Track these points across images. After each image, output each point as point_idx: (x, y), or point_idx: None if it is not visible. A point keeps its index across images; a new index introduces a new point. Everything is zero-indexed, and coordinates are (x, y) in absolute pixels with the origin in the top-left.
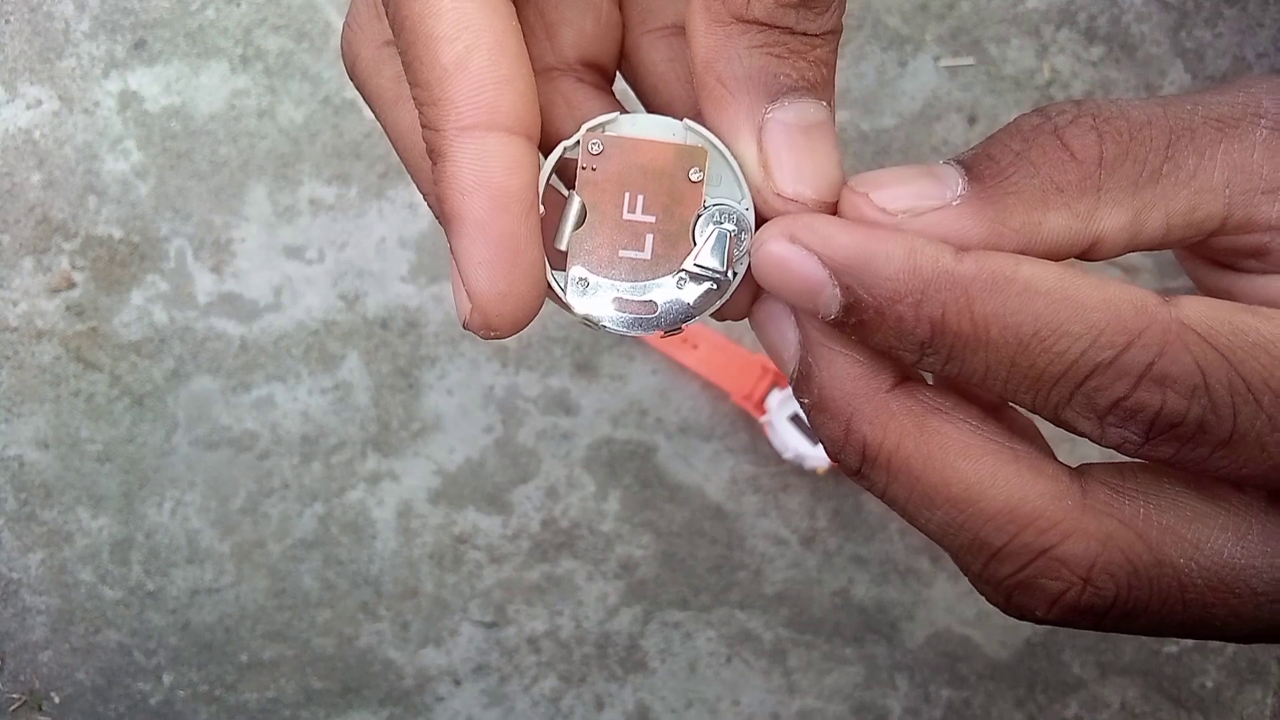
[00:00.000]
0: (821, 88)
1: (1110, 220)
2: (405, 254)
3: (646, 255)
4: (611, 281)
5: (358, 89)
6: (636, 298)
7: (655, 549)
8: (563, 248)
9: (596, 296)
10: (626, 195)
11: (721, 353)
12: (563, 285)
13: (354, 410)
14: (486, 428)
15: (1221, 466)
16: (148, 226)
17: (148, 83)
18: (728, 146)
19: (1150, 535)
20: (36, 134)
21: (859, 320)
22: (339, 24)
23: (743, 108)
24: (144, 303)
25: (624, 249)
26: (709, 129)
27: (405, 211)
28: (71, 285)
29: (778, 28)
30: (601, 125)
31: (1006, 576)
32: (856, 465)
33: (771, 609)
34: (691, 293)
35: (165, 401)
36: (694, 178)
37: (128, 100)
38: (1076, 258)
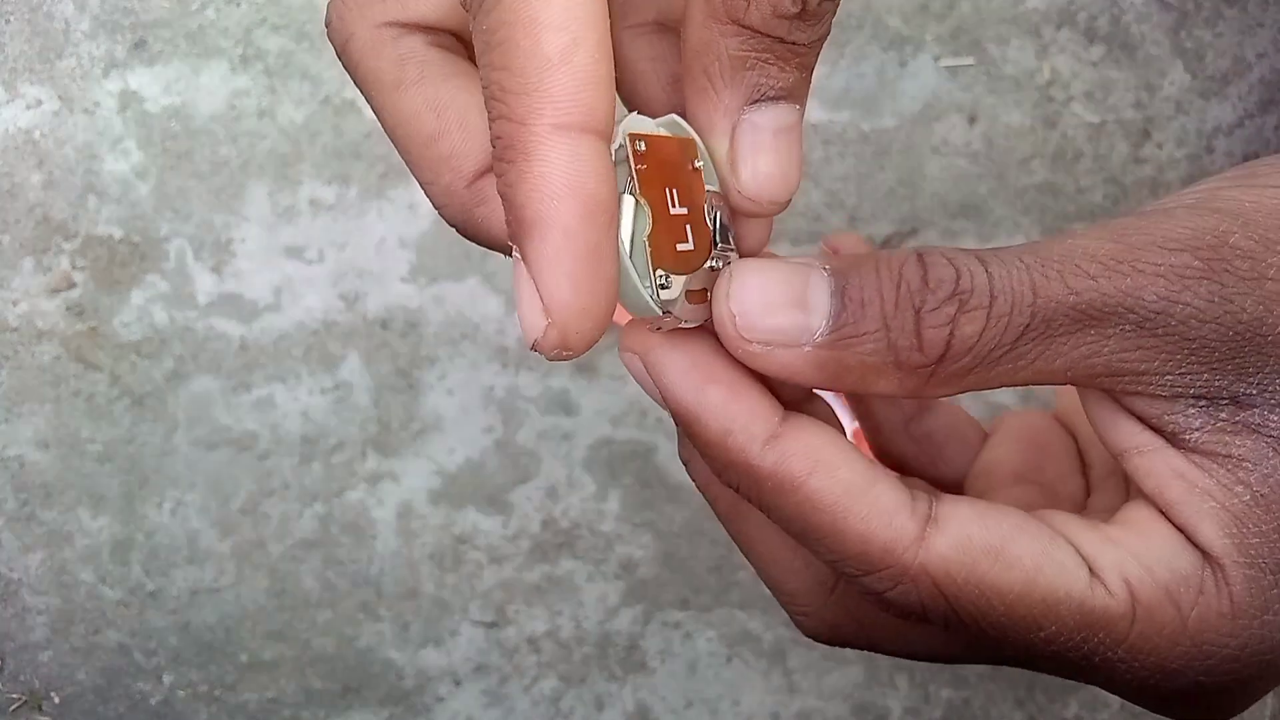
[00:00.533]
0: (798, 93)
1: (936, 391)
2: (405, 254)
3: (691, 246)
4: (679, 277)
5: (349, 70)
6: (695, 288)
7: (655, 549)
8: (630, 250)
9: (673, 294)
10: (667, 190)
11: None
12: (651, 287)
13: (354, 410)
14: (486, 428)
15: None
16: (148, 226)
17: (148, 83)
18: (703, 139)
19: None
20: (36, 134)
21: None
22: None
23: (722, 104)
24: (144, 303)
25: (678, 243)
26: (689, 118)
27: (405, 212)
28: (71, 285)
29: (770, 36)
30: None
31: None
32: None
33: (772, 609)
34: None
35: (165, 402)
36: (696, 166)
37: (128, 100)
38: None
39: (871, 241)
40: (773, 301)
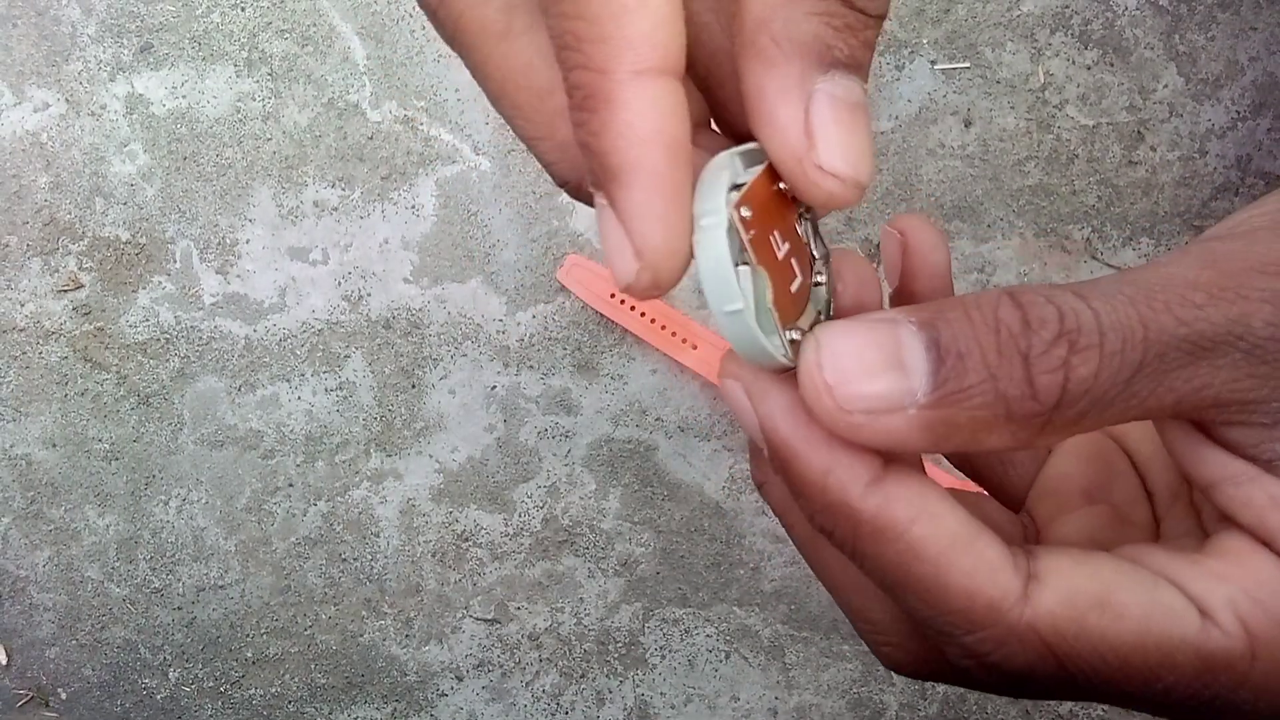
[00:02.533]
0: (865, 70)
1: (1049, 439)
2: (408, 255)
3: (799, 279)
4: (804, 318)
5: (447, 26)
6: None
7: (655, 546)
8: (756, 315)
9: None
10: (772, 238)
11: (721, 353)
12: (785, 349)
13: (358, 410)
14: (488, 427)
15: None
16: (154, 228)
17: (154, 86)
18: (764, 117)
19: None
20: (44, 137)
21: (778, 472)
22: (343, 28)
23: (794, 71)
24: (150, 303)
25: (791, 285)
26: (749, 90)
27: (408, 213)
28: (79, 286)
29: (841, 1)
30: (737, 188)
31: None
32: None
33: (770, 605)
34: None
35: (171, 401)
36: (782, 187)
37: (134, 103)
38: None
39: (869, 243)
40: (869, 366)
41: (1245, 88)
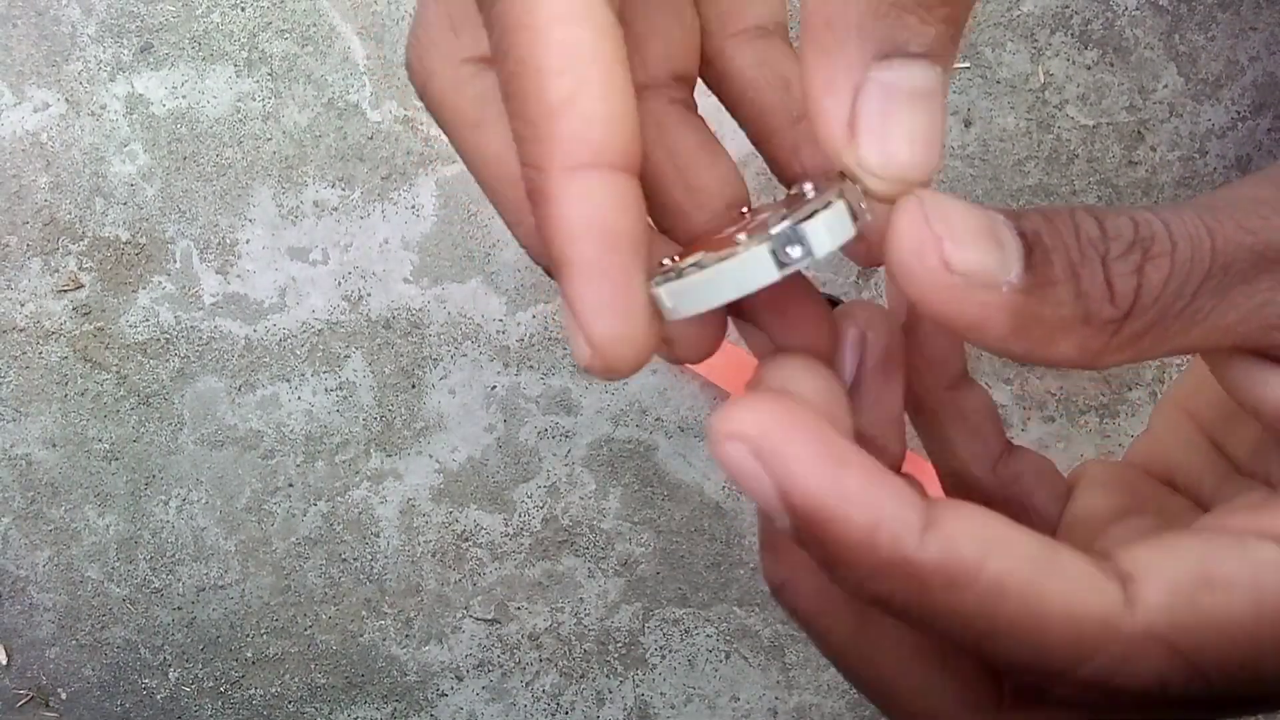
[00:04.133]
0: (942, 52)
1: (1113, 357)
2: (408, 255)
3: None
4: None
5: (429, 109)
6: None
7: (655, 546)
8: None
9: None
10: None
11: (720, 353)
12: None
13: (358, 410)
14: (488, 427)
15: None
16: (154, 228)
17: (154, 86)
18: (816, 108)
19: None
20: (44, 137)
21: (807, 548)
22: (343, 28)
23: (845, 59)
24: (150, 303)
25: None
26: (805, 84)
27: (408, 213)
28: (79, 286)
29: None
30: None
31: None
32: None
33: (770, 605)
34: None
35: (171, 401)
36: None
37: (134, 103)
38: None
39: None
40: (974, 231)
41: (1245, 88)
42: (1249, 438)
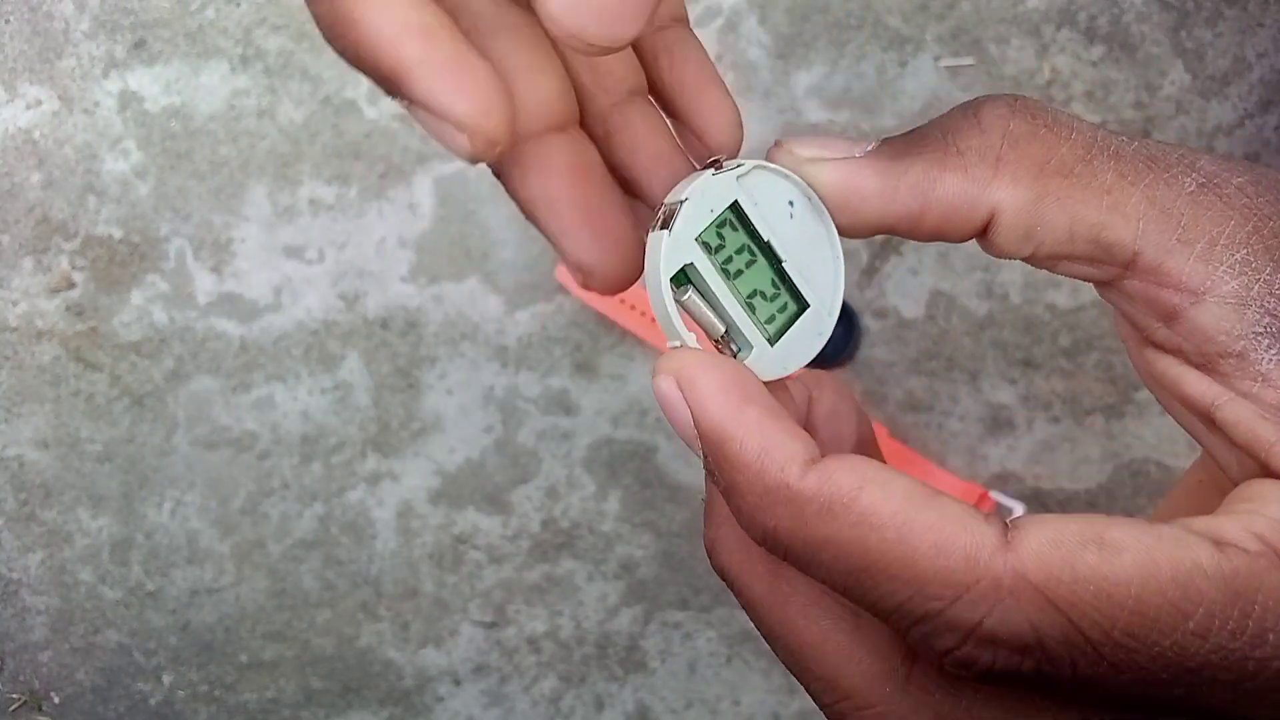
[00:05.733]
0: None
1: (1008, 194)
2: (405, 254)
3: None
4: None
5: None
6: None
7: (655, 549)
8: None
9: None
10: None
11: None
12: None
13: (354, 410)
14: (486, 428)
15: (1068, 695)
16: (148, 226)
17: (148, 83)
18: None
19: None
20: (36, 134)
21: (712, 476)
22: None
23: None
24: (144, 303)
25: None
26: None
27: (405, 212)
28: (71, 285)
29: None
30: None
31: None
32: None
33: None
34: None
35: (165, 401)
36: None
37: (128, 100)
38: (981, 241)
39: (872, 241)
40: (826, 138)
41: (1253, 84)
42: None
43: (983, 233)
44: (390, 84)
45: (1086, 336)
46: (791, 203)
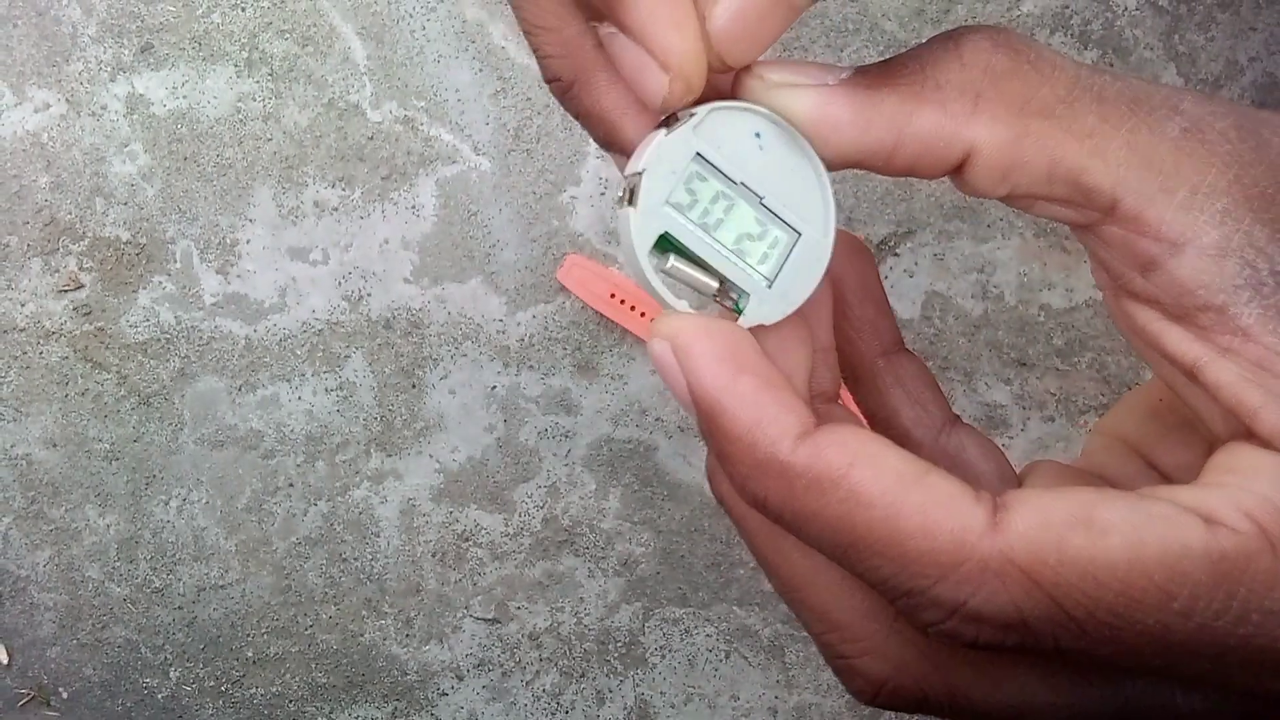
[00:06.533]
0: None
1: (986, 132)
2: (408, 255)
3: None
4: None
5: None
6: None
7: (655, 546)
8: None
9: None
10: None
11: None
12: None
13: (358, 410)
14: (488, 427)
15: (1049, 661)
16: (154, 228)
17: (154, 86)
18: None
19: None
20: (44, 137)
21: (706, 442)
22: (343, 28)
23: None
24: (151, 303)
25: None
26: None
27: (408, 213)
28: (79, 286)
29: None
30: None
31: None
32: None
33: (769, 605)
34: None
35: (172, 401)
36: None
37: (134, 104)
38: (955, 179)
39: (869, 242)
40: (801, 63)
41: (1245, 88)
42: (1177, 454)
43: (957, 170)
44: (606, 3)
45: (1080, 337)
46: (758, 134)
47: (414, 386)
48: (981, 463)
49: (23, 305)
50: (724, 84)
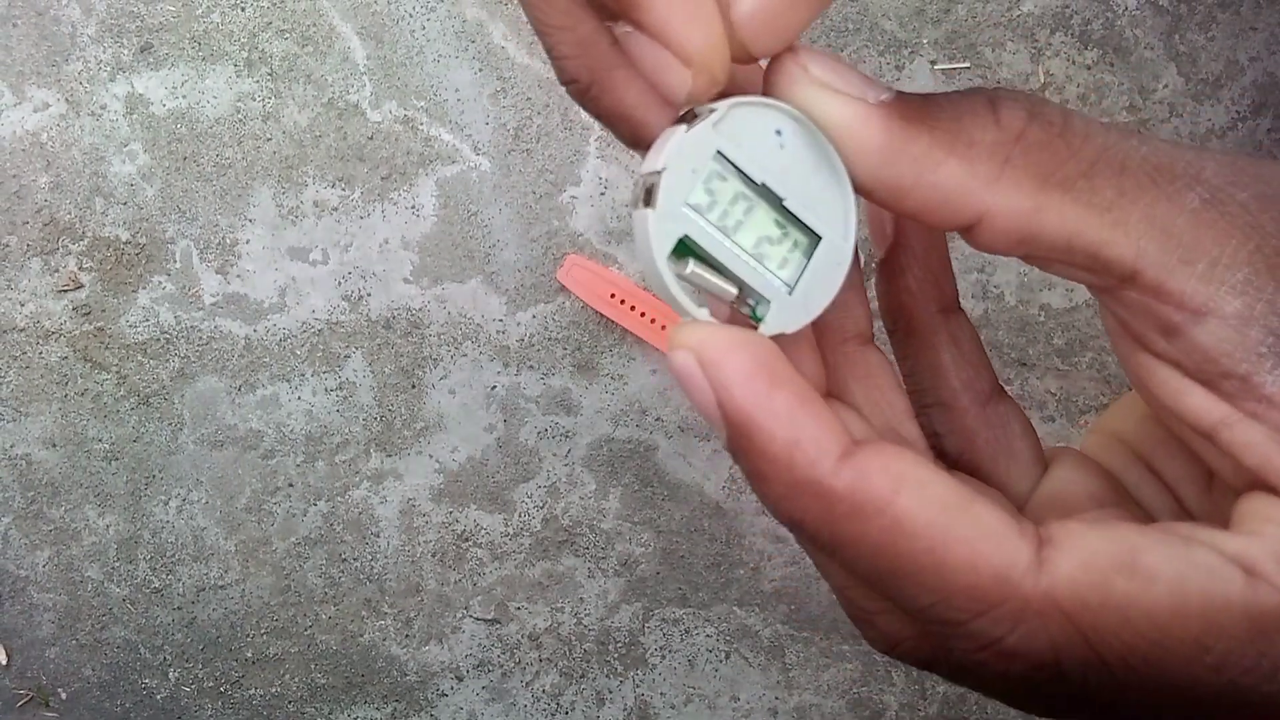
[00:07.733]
0: None
1: (1005, 200)
2: (408, 255)
3: None
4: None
5: None
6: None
7: (655, 546)
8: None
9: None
10: None
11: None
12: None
13: (358, 410)
14: (488, 427)
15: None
16: (154, 228)
17: (154, 86)
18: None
19: None
20: (44, 137)
21: (736, 460)
22: (343, 28)
23: None
24: (150, 303)
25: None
26: None
27: (408, 213)
28: (79, 286)
29: None
30: None
31: None
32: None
33: (770, 605)
34: None
35: (171, 401)
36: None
37: (134, 103)
38: (965, 235)
39: (869, 242)
40: (845, 66)
41: (1245, 88)
42: (1177, 459)
43: (967, 229)
44: (620, 3)
45: (1080, 337)
46: (779, 131)
47: (414, 386)
48: (1019, 440)
49: (22, 305)
50: (744, 81)
